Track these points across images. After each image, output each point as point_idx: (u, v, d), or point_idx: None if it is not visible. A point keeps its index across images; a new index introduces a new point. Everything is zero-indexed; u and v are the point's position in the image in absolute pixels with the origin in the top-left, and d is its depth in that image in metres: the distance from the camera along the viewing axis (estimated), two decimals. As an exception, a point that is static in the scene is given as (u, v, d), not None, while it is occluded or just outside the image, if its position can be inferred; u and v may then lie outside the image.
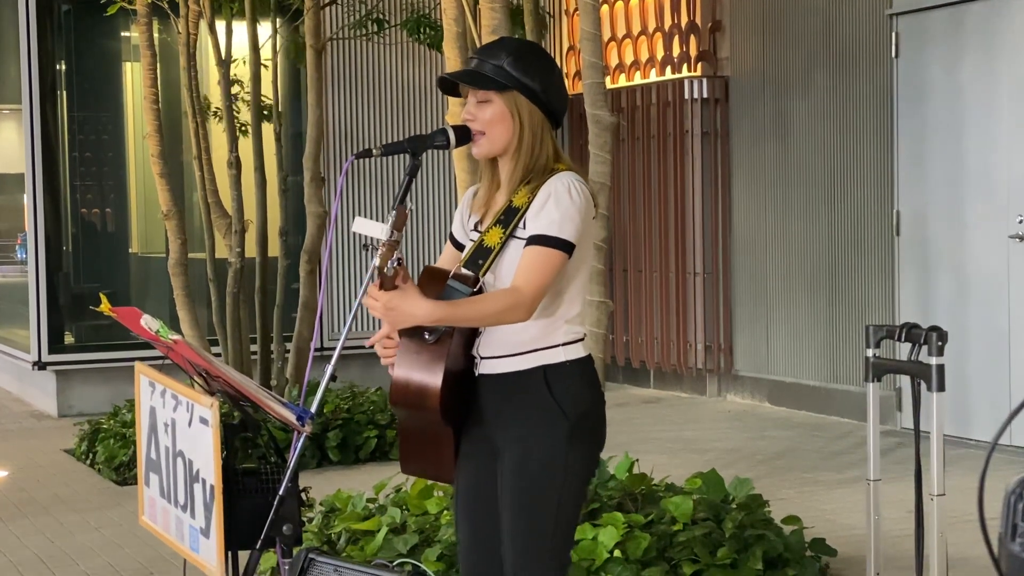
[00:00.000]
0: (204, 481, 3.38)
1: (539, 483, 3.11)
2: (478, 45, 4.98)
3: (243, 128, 9.15)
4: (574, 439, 3.13)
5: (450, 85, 3.25)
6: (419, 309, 2.98)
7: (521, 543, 3.13)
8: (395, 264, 2.96)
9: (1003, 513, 1.77)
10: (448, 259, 3.28)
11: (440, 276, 3.16)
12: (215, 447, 3.28)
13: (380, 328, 3.17)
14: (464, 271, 3.14)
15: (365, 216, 3.82)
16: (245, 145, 8.59)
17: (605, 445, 3.29)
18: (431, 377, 3.07)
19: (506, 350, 3.15)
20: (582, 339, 3.19)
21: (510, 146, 3.15)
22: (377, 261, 2.95)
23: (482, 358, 3.19)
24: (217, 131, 8.90)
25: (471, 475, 3.24)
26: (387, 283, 2.97)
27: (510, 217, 3.12)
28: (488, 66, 3.14)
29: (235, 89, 9.08)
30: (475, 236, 3.22)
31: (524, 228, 3.10)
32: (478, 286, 3.11)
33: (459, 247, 3.28)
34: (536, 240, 3.06)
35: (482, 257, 3.13)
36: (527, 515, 3.12)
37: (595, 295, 5.23)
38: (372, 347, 3.20)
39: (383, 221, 2.98)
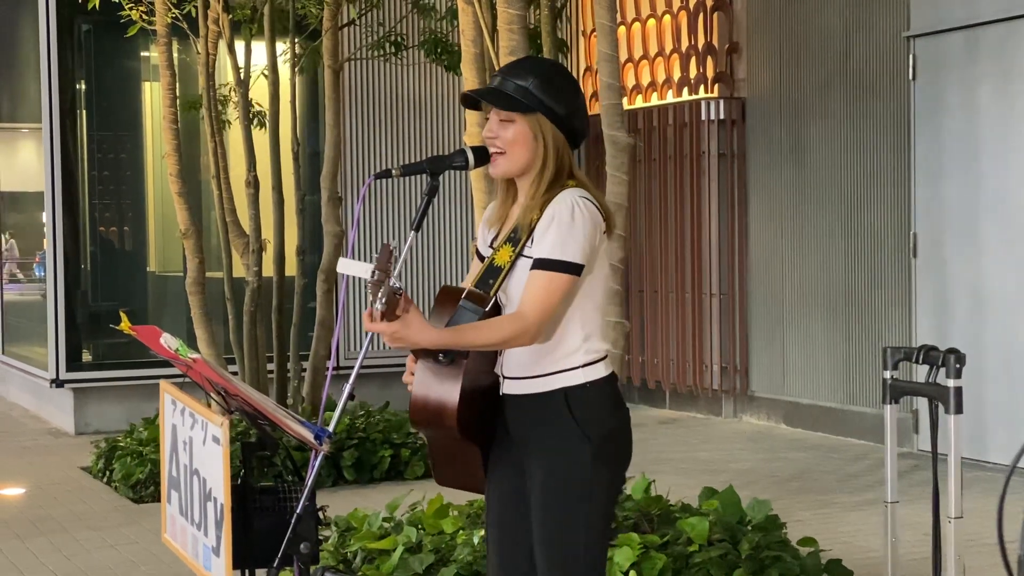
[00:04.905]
0: (216, 500, 3.39)
1: (567, 506, 3.13)
2: (496, 66, 4.99)
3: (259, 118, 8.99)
4: (598, 460, 3.14)
5: (473, 100, 3.25)
6: (423, 336, 3.01)
7: (553, 564, 3.15)
8: (392, 295, 2.95)
9: (1021, 536, 1.77)
10: (476, 274, 3.30)
11: (454, 296, 3.18)
12: (225, 465, 3.28)
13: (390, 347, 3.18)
14: (476, 291, 3.15)
15: (370, 232, 3.83)
16: (263, 164, 8.61)
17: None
18: (448, 395, 3.09)
19: (526, 371, 3.16)
20: (603, 358, 3.19)
21: (531, 167, 3.16)
22: (371, 298, 2.96)
23: (505, 378, 3.20)
24: (235, 150, 8.91)
25: (499, 499, 3.27)
26: (387, 314, 2.97)
27: (519, 235, 3.14)
28: (512, 85, 3.14)
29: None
30: (490, 252, 3.23)
31: (531, 246, 3.12)
32: (489, 305, 3.13)
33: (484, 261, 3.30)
34: (540, 264, 3.07)
35: (492, 276, 3.15)
36: (557, 537, 3.14)
37: (612, 315, 5.23)
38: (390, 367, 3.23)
39: (370, 261, 2.98)
